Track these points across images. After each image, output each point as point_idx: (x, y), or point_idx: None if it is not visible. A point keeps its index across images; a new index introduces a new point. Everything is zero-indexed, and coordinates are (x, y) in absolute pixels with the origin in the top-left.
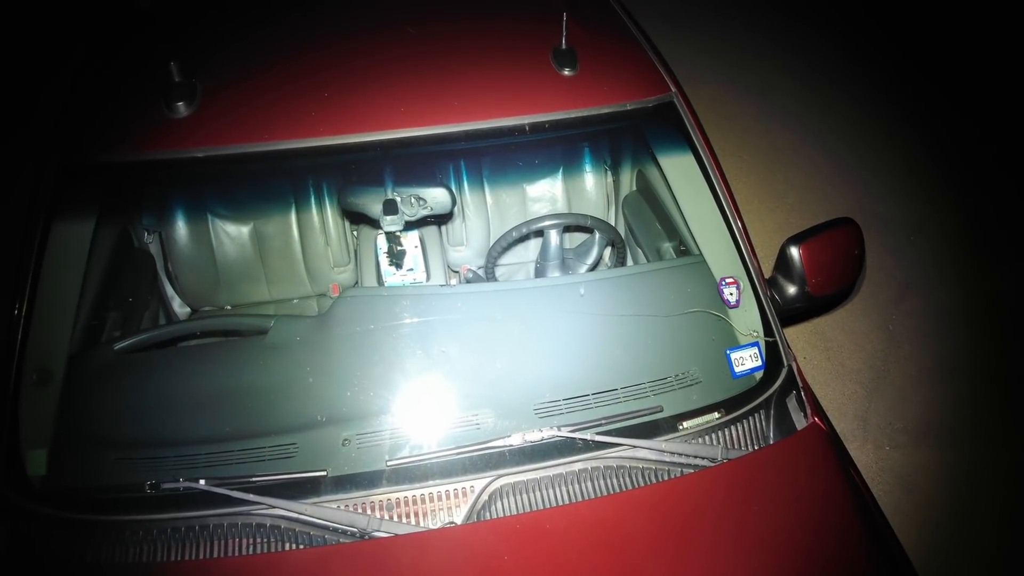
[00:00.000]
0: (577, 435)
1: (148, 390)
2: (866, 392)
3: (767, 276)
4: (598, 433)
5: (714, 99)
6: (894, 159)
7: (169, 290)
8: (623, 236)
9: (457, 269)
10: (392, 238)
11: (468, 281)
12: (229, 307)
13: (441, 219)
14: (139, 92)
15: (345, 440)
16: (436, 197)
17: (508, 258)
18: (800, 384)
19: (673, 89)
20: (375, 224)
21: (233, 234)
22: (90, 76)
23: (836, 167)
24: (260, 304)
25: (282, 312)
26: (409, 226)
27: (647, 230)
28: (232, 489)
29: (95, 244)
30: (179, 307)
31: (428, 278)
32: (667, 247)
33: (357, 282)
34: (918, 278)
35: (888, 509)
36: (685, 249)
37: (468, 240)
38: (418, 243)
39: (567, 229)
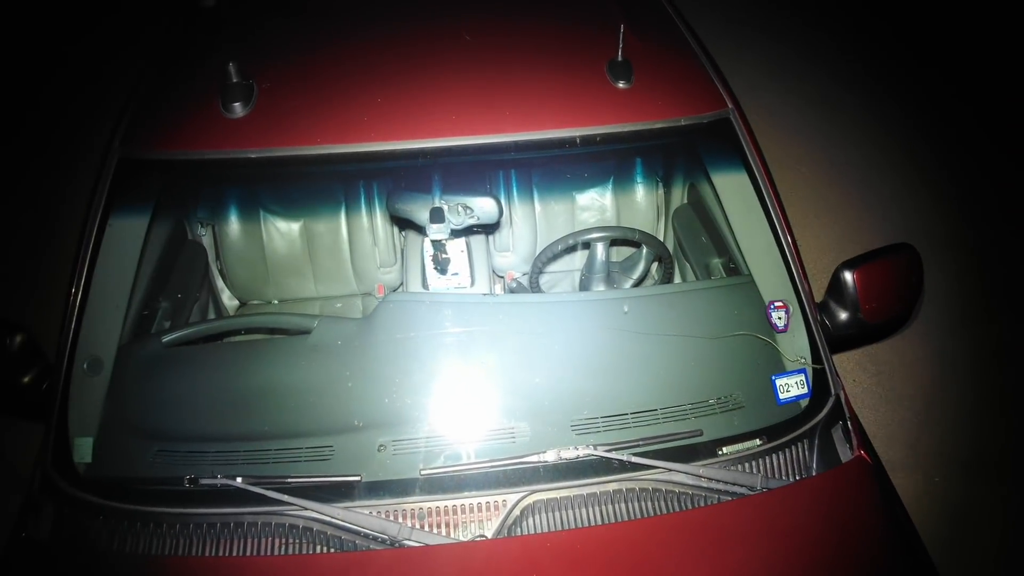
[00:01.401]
0: (613, 455)
1: (192, 384)
2: (918, 420)
3: (818, 300)
4: (635, 454)
5: (774, 109)
6: (960, 182)
7: (219, 282)
8: (671, 249)
9: (502, 274)
10: (438, 245)
11: (512, 289)
12: (276, 301)
13: (488, 227)
14: (197, 91)
15: (381, 446)
16: (483, 207)
17: (554, 266)
18: (847, 415)
19: (730, 105)
20: (422, 228)
21: (283, 230)
22: (151, 73)
23: (900, 186)
24: (306, 300)
25: (327, 310)
26: (455, 233)
27: (696, 245)
28: (267, 489)
29: (150, 235)
30: (228, 300)
31: (472, 283)
32: (716, 263)
33: (402, 283)
34: (980, 305)
35: (934, 544)
36: (734, 267)
37: (514, 246)
38: (464, 248)
39: (614, 242)
